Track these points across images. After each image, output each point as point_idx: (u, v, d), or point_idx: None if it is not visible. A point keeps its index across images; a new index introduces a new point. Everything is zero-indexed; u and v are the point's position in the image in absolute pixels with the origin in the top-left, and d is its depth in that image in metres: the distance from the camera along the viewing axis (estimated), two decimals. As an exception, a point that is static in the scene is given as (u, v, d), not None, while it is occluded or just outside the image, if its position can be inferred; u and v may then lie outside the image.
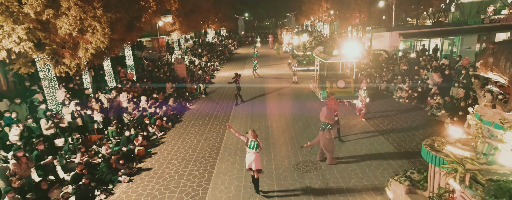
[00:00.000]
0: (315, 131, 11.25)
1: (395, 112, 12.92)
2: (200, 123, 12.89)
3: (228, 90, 18.78)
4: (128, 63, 18.77)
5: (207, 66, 25.76)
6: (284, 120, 12.66)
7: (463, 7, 36.12)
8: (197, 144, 10.71)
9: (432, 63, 15.00)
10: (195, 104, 16.14)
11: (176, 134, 11.79)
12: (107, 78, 16.23)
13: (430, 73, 13.43)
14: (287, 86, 19.02)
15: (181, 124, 12.99)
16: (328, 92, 14.33)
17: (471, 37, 18.64)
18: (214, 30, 51.63)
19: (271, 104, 15.12)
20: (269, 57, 33.17)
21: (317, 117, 12.35)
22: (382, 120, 12.08)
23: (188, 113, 14.59)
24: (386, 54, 19.81)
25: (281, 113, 13.61)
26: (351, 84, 14.33)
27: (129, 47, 18.41)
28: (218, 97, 17.32)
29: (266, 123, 12.42)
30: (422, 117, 12.04)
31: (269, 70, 25.06)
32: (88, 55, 10.09)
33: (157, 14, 19.44)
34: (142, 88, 15.45)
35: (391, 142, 9.90)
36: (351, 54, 14.63)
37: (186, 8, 28.45)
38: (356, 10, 29.78)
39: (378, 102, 14.47)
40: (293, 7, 59.35)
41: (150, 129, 11.49)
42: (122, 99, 13.31)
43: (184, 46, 32.68)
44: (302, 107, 14.36)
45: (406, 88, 14.26)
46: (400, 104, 13.97)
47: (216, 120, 13.19)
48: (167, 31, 28.99)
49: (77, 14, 9.32)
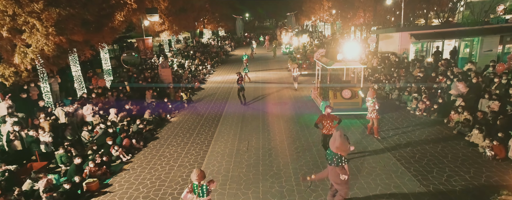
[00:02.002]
0: (317, 155, 9.09)
1: (412, 129, 10.74)
2: (178, 142, 10.73)
3: (218, 98, 16.62)
4: (104, 68, 16.64)
5: (198, 70, 23.60)
6: (279, 139, 10.49)
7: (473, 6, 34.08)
8: (168, 172, 8.55)
9: (453, 68, 12.79)
10: (177, 115, 13.98)
11: (146, 157, 9.63)
12: (76, 85, 14.09)
13: (454, 82, 11.22)
14: (284, 93, 16.84)
15: (156, 142, 10.82)
16: (331, 102, 12.18)
17: (493, 38, 16.44)
18: (210, 31, 49.53)
19: (264, 117, 12.96)
20: (266, 59, 30.99)
21: (319, 136, 10.21)
22: (397, 139, 9.89)
23: (167, 127, 12.43)
24: (396, 57, 17.61)
25: (276, 129, 11.44)
26: (358, 93, 12.15)
27: (105, 49, 16.28)
28: (205, 106, 15.15)
29: (257, 143, 10.25)
30: (447, 137, 9.84)
31: (265, 74, 22.88)
32: (27, 61, 7.94)
33: (138, 12, 17.33)
34: (115, 98, 13.29)
35: (413, 173, 7.72)
36: (356, 57, 12.47)
37: (177, 6, 26.35)
38: (360, 9, 27.61)
39: (390, 115, 12.28)
40: (294, 7, 57.29)
41: (113, 152, 9.33)
42: (86, 113, 11.17)
43: (175, 47, 30.55)
44: (301, 121, 12.18)
45: (423, 99, 12.08)
46: (416, 118, 11.78)
47: (198, 138, 11.03)
48: (156, 31, 26.95)
49: (7, 8, 7.18)
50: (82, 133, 9.85)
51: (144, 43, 23.18)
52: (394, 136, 10.18)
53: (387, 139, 9.96)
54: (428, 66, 13.92)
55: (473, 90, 10.72)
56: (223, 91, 18.22)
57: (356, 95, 12.16)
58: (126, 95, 14.12)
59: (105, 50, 16.36)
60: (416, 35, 17.06)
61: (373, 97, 9.56)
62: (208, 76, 23.60)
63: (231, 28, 55.67)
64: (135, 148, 10.18)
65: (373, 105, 9.51)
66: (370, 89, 9.76)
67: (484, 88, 10.84)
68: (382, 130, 10.70)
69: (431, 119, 11.47)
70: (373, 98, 9.53)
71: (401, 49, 18.41)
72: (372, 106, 9.54)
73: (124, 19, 15.88)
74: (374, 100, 9.53)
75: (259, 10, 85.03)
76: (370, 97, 9.58)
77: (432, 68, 13.70)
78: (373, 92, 9.68)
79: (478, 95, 10.53)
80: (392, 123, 11.37)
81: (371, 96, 9.62)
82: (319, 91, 14.01)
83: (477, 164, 7.93)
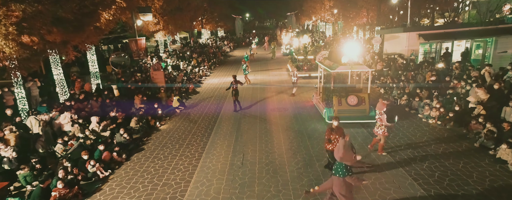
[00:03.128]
0: (320, 172, 7.97)
1: (426, 140, 9.61)
2: (165, 154, 9.61)
3: (213, 103, 15.51)
4: (92, 71, 15.53)
5: (194, 72, 22.48)
6: (278, 152, 9.37)
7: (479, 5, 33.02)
8: (150, 193, 7.43)
9: (469, 72, 11.66)
10: (168, 122, 12.87)
11: (128, 174, 8.51)
12: (59, 90, 12.98)
13: (472, 87, 10.10)
14: (284, 97, 15.71)
15: (141, 155, 9.70)
16: (335, 110, 11.07)
17: (508, 38, 15.31)
18: (209, 31, 48.42)
19: (262, 125, 11.84)
20: (266, 60, 29.87)
21: (321, 148, 9.09)
22: (411, 153, 8.76)
23: (155, 136, 11.32)
24: (403, 59, 16.48)
25: (275, 140, 10.31)
26: (365, 100, 11.03)
27: (92, 50, 15.19)
28: (199, 112, 14.04)
29: (254, 156, 9.13)
30: (468, 151, 8.72)
31: (264, 76, 21.76)
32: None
33: (127, 11, 16.23)
34: (99, 104, 12.18)
35: (434, 197, 6.59)
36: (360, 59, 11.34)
37: (172, 5, 25.22)
38: (363, 8, 26.47)
39: (400, 123, 11.14)
40: (294, 7, 56.19)
41: (89, 168, 8.22)
42: (63, 121, 10.05)
43: (170, 48, 29.44)
44: (303, 130, 11.07)
45: (437, 105, 10.96)
46: (430, 128, 10.64)
47: (188, 149, 9.92)
48: (151, 31, 25.83)
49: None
50: (56, 146, 8.73)
51: (137, 44, 22.04)
52: (407, 148, 9.05)
53: (399, 152, 8.84)
54: (441, 69, 12.77)
55: (494, 97, 9.60)
56: (219, 95, 17.12)
57: (363, 102, 11.04)
58: (113, 100, 12.99)
59: (92, 51, 15.27)
60: (425, 36, 15.94)
61: (383, 111, 8.33)
62: (205, 78, 22.49)
63: (231, 28, 54.57)
64: (116, 162, 9.07)
65: (381, 119, 8.33)
66: (380, 101, 8.60)
67: (507, 95, 9.72)
68: (392, 140, 9.59)
69: (446, 128, 10.34)
70: (381, 112, 8.32)
71: (408, 50, 17.29)
72: (381, 121, 8.36)
73: (112, 18, 14.85)
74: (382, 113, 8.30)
75: (259, 10, 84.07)
76: (379, 110, 8.42)
77: (445, 72, 12.55)
78: (383, 104, 8.46)
79: (501, 103, 9.40)
80: (404, 133, 10.25)
81: (380, 109, 8.43)
82: (321, 96, 12.90)
83: (510, 187, 6.80)
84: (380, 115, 8.46)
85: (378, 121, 8.54)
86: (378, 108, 8.56)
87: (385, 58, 17.83)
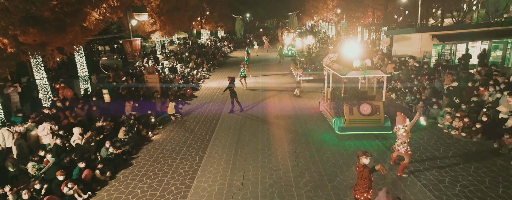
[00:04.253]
0: (333, 195, 6.82)
1: (452, 156, 8.45)
2: (156, 172, 8.47)
3: (212, 108, 14.36)
4: (80, 74, 14.40)
5: (192, 74, 21.34)
6: (283, 169, 8.23)
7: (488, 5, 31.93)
8: (134, 223, 6.31)
9: (496, 77, 10.51)
10: (162, 131, 11.75)
11: (110, 196, 7.37)
12: (42, 96, 11.87)
13: (504, 95, 8.94)
14: (287, 103, 14.54)
15: (128, 172, 8.56)
16: (345, 119, 9.91)
17: (530, 39, 14.17)
18: (209, 31, 47.29)
19: (264, 135, 10.68)
20: (266, 61, 28.72)
21: (332, 164, 7.94)
22: (438, 172, 7.60)
23: (146, 148, 10.19)
24: (416, 61, 15.31)
25: (279, 154, 9.16)
26: (380, 109, 9.88)
27: (81, 52, 14.07)
28: (196, 119, 12.90)
29: (255, 175, 7.99)
30: (505, 171, 7.52)
31: (265, 79, 20.60)
32: None
33: (119, 11, 15.10)
34: (85, 112, 11.03)
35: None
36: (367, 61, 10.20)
37: (169, 4, 24.08)
38: (370, 8, 25.30)
39: (418, 134, 10.00)
40: (295, 7, 54.98)
41: (65, 190, 7.08)
42: (41, 133, 8.92)
43: (167, 49, 28.32)
44: (310, 142, 9.91)
45: (457, 115, 9.81)
46: (453, 140, 9.48)
47: (182, 165, 8.78)
48: (147, 32, 24.70)
49: None
50: (28, 164, 7.59)
51: (132, 45, 20.91)
52: (433, 167, 7.90)
53: (424, 172, 7.68)
54: (464, 73, 11.59)
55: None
56: (218, 99, 15.98)
57: (377, 110, 9.89)
58: (101, 108, 11.85)
59: (80, 53, 14.15)
60: (440, 36, 14.78)
61: (404, 125, 7.20)
62: (203, 81, 21.35)
63: (231, 29, 53.40)
64: (99, 181, 7.93)
65: (404, 135, 7.18)
66: (399, 114, 7.46)
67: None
68: (412, 154, 8.41)
69: (473, 142, 9.18)
70: (404, 126, 7.18)
71: (420, 52, 16.13)
72: (403, 137, 7.20)
73: (102, 17, 13.74)
74: (405, 128, 7.16)
75: (259, 10, 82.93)
76: (401, 125, 7.27)
77: (468, 76, 11.38)
78: (403, 117, 7.33)
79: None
80: (425, 147, 9.09)
81: (402, 122, 7.29)
82: (329, 104, 11.75)
83: None
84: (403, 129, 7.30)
85: (399, 136, 7.40)
86: (399, 122, 7.41)
87: (396, 60, 16.67)
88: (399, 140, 7.30)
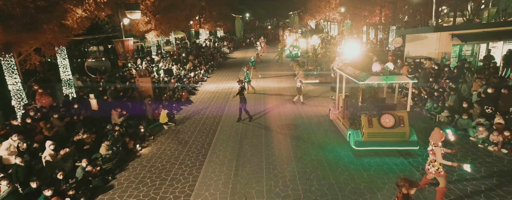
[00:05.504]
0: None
1: (498, 178, 7.03)
2: (141, 196, 7.05)
3: (209, 116, 12.93)
4: (63, 78, 12.97)
5: (189, 77, 19.92)
6: (293, 196, 6.81)
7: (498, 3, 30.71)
8: None
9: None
10: (152, 143, 10.33)
11: (81, 233, 5.96)
12: (15, 103, 10.45)
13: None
14: (292, 110, 13.10)
15: (107, 197, 7.15)
16: (364, 132, 8.48)
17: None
18: (208, 31, 45.88)
19: (268, 150, 9.26)
20: (267, 62, 27.29)
21: (352, 188, 6.53)
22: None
23: (132, 165, 8.77)
24: (434, 64, 13.88)
25: (288, 175, 7.73)
26: (404, 120, 8.45)
27: (63, 54, 12.65)
28: (191, 129, 11.49)
29: (260, 204, 6.58)
30: None
31: (267, 83, 19.19)
32: None
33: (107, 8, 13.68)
34: (65, 122, 9.59)
35: None
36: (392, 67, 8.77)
37: (165, 2, 22.68)
38: (377, 6, 23.89)
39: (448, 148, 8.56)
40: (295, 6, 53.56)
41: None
42: (3, 153, 7.47)
43: (163, 49, 26.90)
44: (322, 159, 8.50)
45: (494, 127, 8.40)
46: (492, 157, 8.06)
47: (172, 187, 7.37)
48: (142, 31, 23.29)
49: None
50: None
51: (124, 45, 19.48)
52: (478, 193, 6.47)
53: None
54: (496, 78, 10.18)
55: None
56: (217, 105, 14.58)
57: (401, 122, 8.46)
58: (84, 117, 10.42)
59: (63, 55, 12.73)
60: (463, 36, 13.36)
61: (439, 143, 5.89)
62: (201, 84, 19.93)
63: (230, 28, 52.00)
64: (71, 210, 6.52)
65: (439, 153, 5.85)
66: (436, 130, 6.10)
67: None
68: (449, 178, 7.01)
69: (518, 160, 7.80)
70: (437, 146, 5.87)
71: (438, 53, 14.72)
72: (435, 155, 5.89)
73: (87, 15, 12.35)
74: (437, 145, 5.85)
75: (259, 10, 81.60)
76: (434, 141, 5.95)
77: (501, 81, 9.97)
78: (440, 134, 5.98)
79: None
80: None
81: (437, 140, 5.95)
82: (342, 113, 10.33)
83: None
84: (434, 147, 6.00)
85: (431, 154, 6.08)
86: (433, 139, 6.05)
87: (411, 62, 15.26)
88: (430, 157, 6.02)
